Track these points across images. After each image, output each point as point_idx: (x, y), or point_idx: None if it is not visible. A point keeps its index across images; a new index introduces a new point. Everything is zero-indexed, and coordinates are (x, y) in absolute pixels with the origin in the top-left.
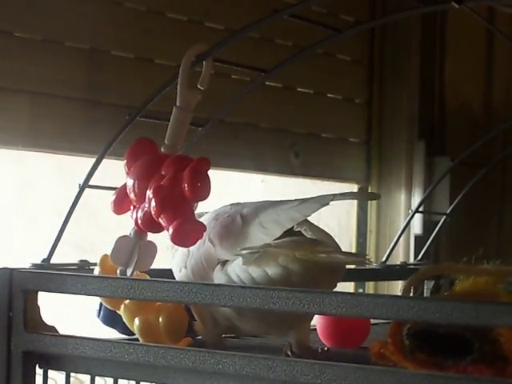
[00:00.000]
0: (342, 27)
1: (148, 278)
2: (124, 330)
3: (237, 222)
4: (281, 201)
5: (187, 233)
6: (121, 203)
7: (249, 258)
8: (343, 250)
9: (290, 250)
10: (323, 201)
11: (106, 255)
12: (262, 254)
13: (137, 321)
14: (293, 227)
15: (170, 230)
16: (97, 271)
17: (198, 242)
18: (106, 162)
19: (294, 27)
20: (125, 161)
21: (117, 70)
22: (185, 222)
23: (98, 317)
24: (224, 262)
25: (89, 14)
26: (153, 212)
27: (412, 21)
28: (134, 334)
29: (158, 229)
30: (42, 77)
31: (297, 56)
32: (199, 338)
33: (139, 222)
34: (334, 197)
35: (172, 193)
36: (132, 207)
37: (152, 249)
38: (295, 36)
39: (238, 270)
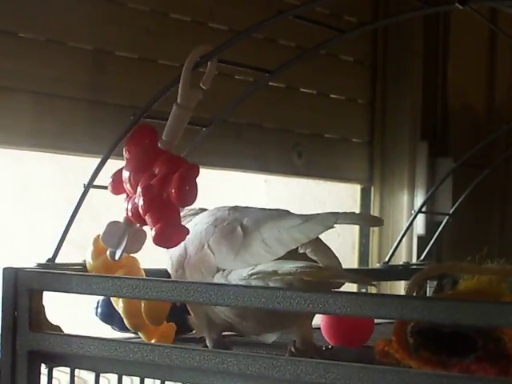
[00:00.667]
0: (345, 28)
1: (137, 260)
2: (121, 326)
3: (237, 233)
4: (282, 214)
5: (169, 236)
6: (118, 185)
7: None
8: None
9: (297, 276)
10: (327, 223)
11: (99, 235)
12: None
13: (121, 302)
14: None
15: (153, 231)
16: (90, 250)
17: (195, 246)
18: (109, 161)
19: (297, 28)
20: (125, 147)
21: (120, 70)
22: (168, 225)
23: (96, 314)
24: (224, 269)
25: (92, 15)
26: (140, 209)
27: (415, 22)
28: (130, 331)
29: (144, 223)
30: (45, 77)
31: (301, 57)
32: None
33: (129, 213)
34: (338, 219)
35: (160, 194)
36: (126, 196)
37: (142, 235)
38: (298, 37)
39: (240, 281)
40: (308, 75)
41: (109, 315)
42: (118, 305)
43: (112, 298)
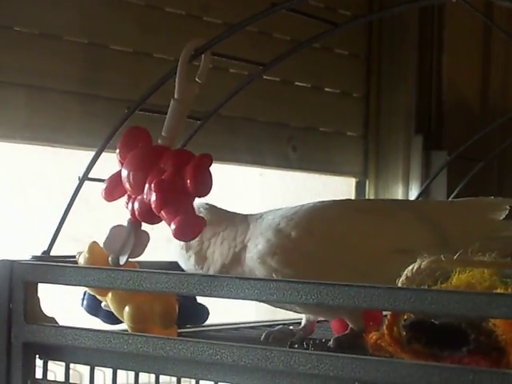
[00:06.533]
0: (340, 22)
1: (137, 265)
2: (106, 318)
3: None
4: None
5: (190, 228)
6: (112, 191)
7: None
8: None
9: None
10: None
11: (94, 242)
12: None
13: (127, 308)
14: None
15: (172, 225)
16: (82, 258)
17: None
18: (102, 154)
19: (291, 21)
20: (118, 150)
21: (114, 64)
22: (187, 217)
23: (82, 306)
24: None
25: (87, 9)
26: (153, 206)
27: (410, 16)
28: (116, 323)
29: (155, 220)
30: (40, 71)
31: (295, 50)
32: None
33: (136, 213)
34: None
35: (174, 188)
36: (127, 197)
37: (144, 238)
38: (293, 30)
39: None
40: (303, 69)
41: (94, 308)
42: (124, 311)
43: (113, 305)
